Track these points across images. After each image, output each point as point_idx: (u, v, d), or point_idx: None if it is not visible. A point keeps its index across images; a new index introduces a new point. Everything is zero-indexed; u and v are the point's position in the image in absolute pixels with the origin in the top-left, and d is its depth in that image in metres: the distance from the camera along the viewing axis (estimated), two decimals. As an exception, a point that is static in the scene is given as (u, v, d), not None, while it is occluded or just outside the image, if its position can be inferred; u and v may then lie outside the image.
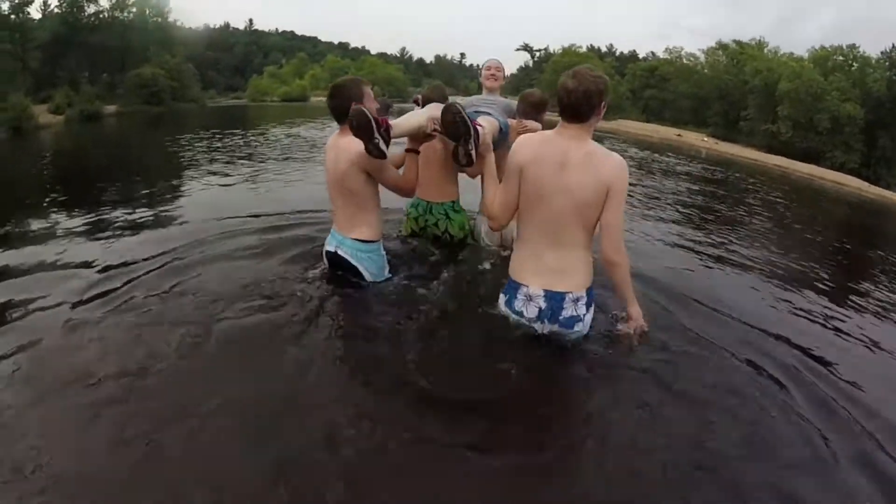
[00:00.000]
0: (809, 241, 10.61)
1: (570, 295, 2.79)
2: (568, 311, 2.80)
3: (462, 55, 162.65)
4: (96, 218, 6.31)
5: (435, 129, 3.24)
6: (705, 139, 59.17)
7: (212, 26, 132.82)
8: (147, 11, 59.53)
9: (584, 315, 2.86)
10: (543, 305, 2.81)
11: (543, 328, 2.88)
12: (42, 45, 43.97)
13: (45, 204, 7.39)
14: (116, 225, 5.91)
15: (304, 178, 9.73)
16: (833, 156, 55.68)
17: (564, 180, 2.68)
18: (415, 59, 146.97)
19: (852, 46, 60.74)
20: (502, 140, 3.71)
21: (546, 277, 2.81)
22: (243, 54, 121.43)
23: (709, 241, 7.83)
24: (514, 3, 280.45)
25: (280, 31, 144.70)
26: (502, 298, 3.00)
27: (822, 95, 55.49)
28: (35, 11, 44.79)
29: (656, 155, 25.03)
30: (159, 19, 60.54)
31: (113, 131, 28.29)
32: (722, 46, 74.89)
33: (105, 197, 7.81)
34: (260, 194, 8.27)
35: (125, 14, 58.15)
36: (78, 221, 6.15)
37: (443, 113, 2.96)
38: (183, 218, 6.25)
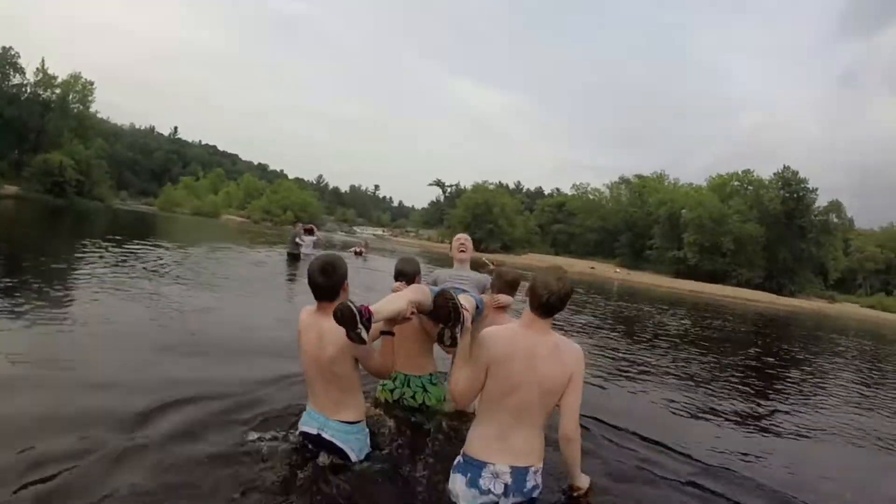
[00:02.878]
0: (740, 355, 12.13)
1: (532, 468, 2.89)
2: (530, 483, 2.89)
3: (376, 187, 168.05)
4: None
5: (413, 313, 3.30)
6: (617, 270, 61.03)
7: (137, 127, 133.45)
8: (70, 96, 57.42)
9: (540, 483, 2.95)
10: (510, 481, 2.85)
11: (508, 501, 2.88)
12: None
13: None
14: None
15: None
16: (739, 273, 59.58)
17: (535, 373, 2.80)
18: (330, 187, 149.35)
19: (746, 171, 66.57)
20: (478, 317, 3.85)
21: (511, 455, 2.86)
22: (163, 160, 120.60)
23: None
24: (426, 141, 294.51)
25: (203, 143, 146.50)
26: (461, 480, 2.94)
27: (723, 220, 59.37)
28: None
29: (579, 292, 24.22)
30: (81, 107, 57.90)
31: (4, 215, 26.08)
32: (624, 181, 79.68)
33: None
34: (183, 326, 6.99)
35: (48, 93, 55.96)
36: None
37: (436, 298, 3.05)
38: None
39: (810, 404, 7.68)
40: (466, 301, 3.49)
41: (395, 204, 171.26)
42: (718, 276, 58.72)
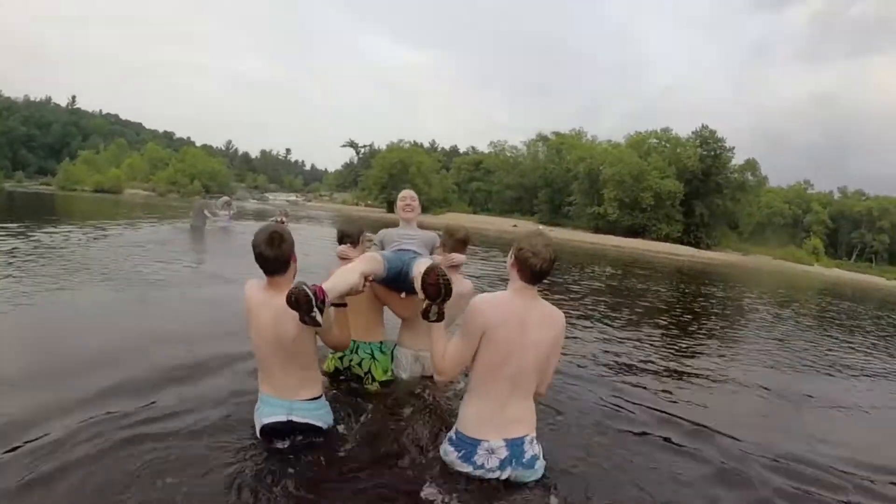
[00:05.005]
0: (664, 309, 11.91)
1: (528, 437, 2.91)
2: (529, 452, 2.89)
3: (287, 150, 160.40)
4: None
5: (365, 285, 3.36)
6: (540, 227, 59.80)
7: (32, 99, 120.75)
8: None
9: (539, 452, 2.96)
10: (506, 454, 2.86)
11: (505, 474, 2.89)
12: None
13: None
14: None
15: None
16: (658, 228, 60.16)
17: (529, 340, 2.81)
18: (240, 152, 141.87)
19: (665, 129, 66.89)
20: None
21: (507, 428, 2.87)
22: (61, 134, 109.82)
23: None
24: (337, 102, 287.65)
25: (104, 112, 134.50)
26: (454, 454, 2.95)
27: (642, 176, 59.13)
28: None
29: (494, 251, 22.23)
30: None
31: None
32: (542, 138, 78.27)
33: None
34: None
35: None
36: None
37: (426, 274, 2.95)
38: None
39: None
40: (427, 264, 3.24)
41: (308, 167, 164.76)
42: (637, 230, 59.12)
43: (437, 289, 2.90)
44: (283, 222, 25.66)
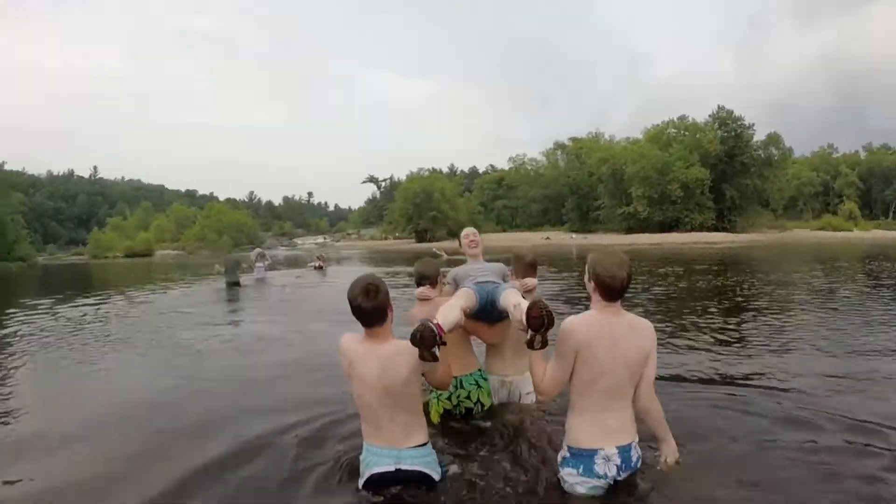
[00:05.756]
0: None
1: (633, 443, 3.04)
2: (635, 456, 3.04)
3: (310, 194, 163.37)
4: None
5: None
6: (573, 236, 59.68)
7: (55, 173, 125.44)
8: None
9: (640, 452, 3.10)
10: (619, 461, 2.99)
11: (620, 477, 3.02)
12: None
13: None
14: None
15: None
16: (690, 219, 59.12)
17: (619, 352, 2.95)
18: (263, 202, 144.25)
19: (682, 117, 65.96)
20: None
21: (613, 437, 3.00)
22: (88, 204, 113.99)
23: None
24: (352, 144, 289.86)
25: (126, 179, 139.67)
26: (572, 472, 3.06)
27: (667, 168, 58.48)
28: None
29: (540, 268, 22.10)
30: None
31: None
32: (559, 146, 78.09)
33: None
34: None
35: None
36: None
37: (530, 308, 2.98)
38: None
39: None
40: (517, 296, 3.62)
41: (332, 208, 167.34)
42: (670, 224, 58.34)
43: (541, 320, 2.99)
44: (321, 266, 25.91)
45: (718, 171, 59.58)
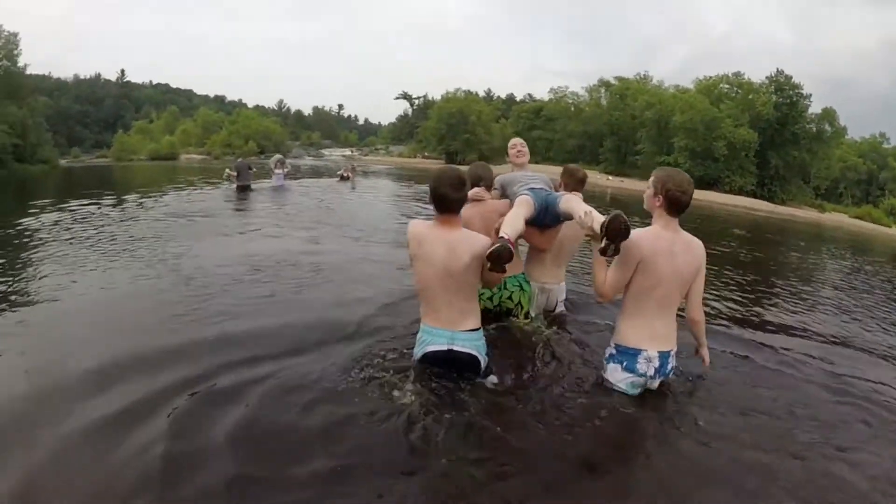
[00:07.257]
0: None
1: (672, 351, 3.40)
2: (670, 364, 3.41)
3: (340, 106, 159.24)
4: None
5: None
6: (609, 178, 57.62)
7: (82, 77, 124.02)
8: (-8, 54, 49.71)
9: (675, 362, 3.48)
10: (658, 364, 3.34)
11: (654, 383, 3.42)
12: None
13: None
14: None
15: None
16: (731, 180, 56.77)
17: (675, 266, 3.25)
18: (293, 111, 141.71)
19: (737, 74, 62.34)
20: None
21: (658, 342, 3.33)
22: (114, 108, 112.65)
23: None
24: (387, 55, 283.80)
25: (154, 83, 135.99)
26: (616, 367, 3.40)
27: (715, 124, 55.75)
28: None
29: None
30: (7, 63, 48.15)
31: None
32: (604, 83, 74.82)
33: None
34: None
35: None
36: None
37: (612, 222, 3.10)
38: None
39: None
40: (584, 204, 3.76)
41: (362, 122, 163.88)
42: (709, 182, 55.70)
43: (620, 232, 3.12)
44: (348, 177, 25.29)
45: (767, 136, 56.47)
